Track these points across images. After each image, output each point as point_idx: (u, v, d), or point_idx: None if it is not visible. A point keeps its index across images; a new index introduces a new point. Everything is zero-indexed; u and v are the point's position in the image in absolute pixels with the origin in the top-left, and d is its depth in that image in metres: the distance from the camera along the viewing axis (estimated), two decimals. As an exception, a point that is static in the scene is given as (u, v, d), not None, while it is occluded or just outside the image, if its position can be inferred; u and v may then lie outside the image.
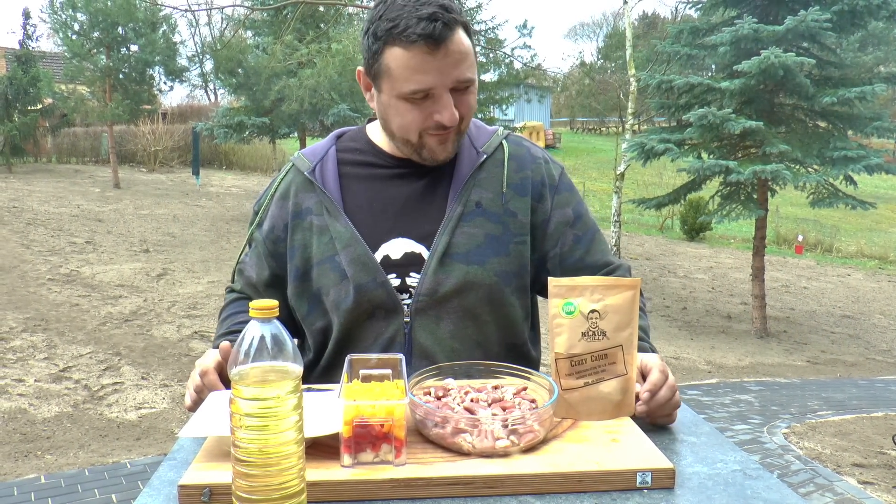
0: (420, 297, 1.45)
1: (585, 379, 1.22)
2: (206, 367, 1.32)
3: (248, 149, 24.19)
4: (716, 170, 10.07)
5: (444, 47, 1.34)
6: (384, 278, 1.45)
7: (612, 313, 1.22)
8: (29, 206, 14.66)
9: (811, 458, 5.29)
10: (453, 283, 1.45)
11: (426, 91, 1.38)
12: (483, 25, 19.15)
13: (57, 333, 7.66)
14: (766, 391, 7.68)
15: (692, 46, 11.46)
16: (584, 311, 1.22)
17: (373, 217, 1.51)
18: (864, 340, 10.92)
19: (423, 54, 1.35)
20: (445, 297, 1.45)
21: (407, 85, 1.38)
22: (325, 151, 1.59)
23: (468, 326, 1.48)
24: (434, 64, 1.35)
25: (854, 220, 23.07)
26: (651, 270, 14.97)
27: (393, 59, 1.37)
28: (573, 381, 1.22)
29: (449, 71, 1.37)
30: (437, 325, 1.46)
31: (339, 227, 1.48)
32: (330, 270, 1.48)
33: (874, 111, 10.84)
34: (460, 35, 1.37)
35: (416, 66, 1.36)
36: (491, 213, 1.50)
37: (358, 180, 1.55)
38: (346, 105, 14.80)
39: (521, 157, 1.58)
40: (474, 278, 1.45)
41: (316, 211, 1.52)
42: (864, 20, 10.39)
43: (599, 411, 1.22)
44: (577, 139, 42.11)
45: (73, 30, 17.66)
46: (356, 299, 1.45)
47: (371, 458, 1.01)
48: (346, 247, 1.47)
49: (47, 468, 4.82)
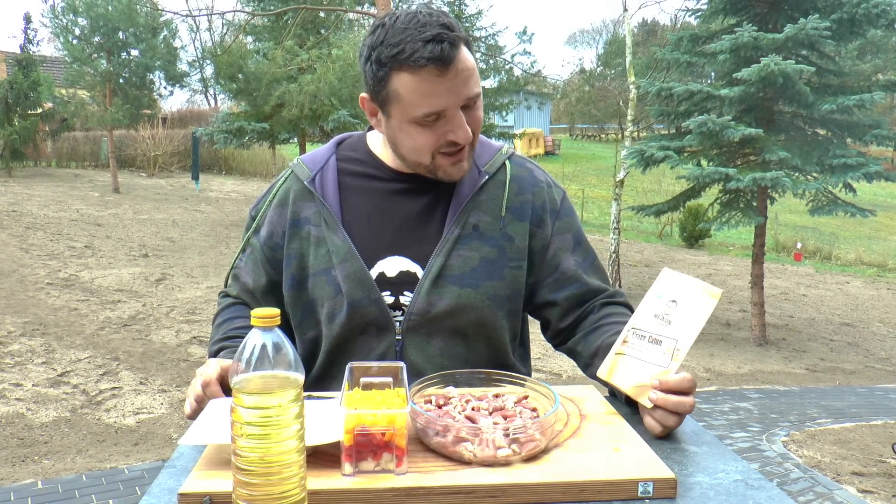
0: (412, 316, 1.46)
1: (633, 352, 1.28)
2: (208, 378, 1.31)
3: (247, 154, 24.23)
4: (715, 177, 10.09)
5: (452, 68, 1.34)
6: (378, 295, 1.46)
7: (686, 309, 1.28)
8: (28, 211, 14.66)
9: (810, 466, 5.28)
10: (446, 305, 1.45)
11: (439, 113, 1.38)
12: (483, 32, 19.21)
13: (55, 338, 7.65)
14: (765, 399, 7.68)
15: (692, 54, 11.49)
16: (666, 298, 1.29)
17: (370, 232, 1.50)
18: (864, 348, 10.92)
19: (433, 77, 1.34)
20: (437, 317, 1.46)
21: (419, 109, 1.37)
22: (326, 160, 1.58)
23: (457, 345, 1.48)
24: (445, 86, 1.35)
25: (853, 227, 23.09)
26: (650, 277, 14.97)
27: (402, 84, 1.36)
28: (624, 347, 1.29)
29: (459, 90, 1.37)
30: (428, 344, 1.47)
31: (337, 241, 1.48)
32: (325, 283, 1.48)
33: (873, 119, 10.88)
34: (464, 52, 1.37)
35: (426, 90, 1.35)
36: (488, 237, 1.49)
37: (357, 193, 1.54)
38: (346, 111, 14.81)
39: (523, 180, 1.57)
40: (467, 301, 1.45)
41: (314, 221, 1.52)
42: (863, 28, 10.43)
43: (626, 383, 1.27)
44: (577, 146, 42.20)
45: (74, 34, 17.69)
46: (349, 314, 1.45)
47: (372, 467, 1.01)
48: (342, 261, 1.47)
49: (45, 473, 4.81)
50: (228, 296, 1.67)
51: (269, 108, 15.59)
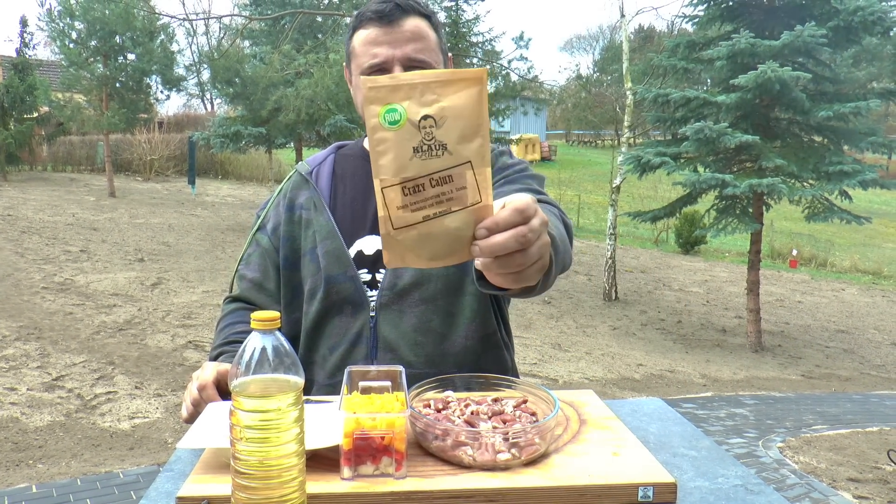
0: (384, 291, 1.51)
1: (425, 211, 0.91)
2: (204, 382, 1.31)
3: (244, 158, 24.21)
4: (712, 183, 10.11)
5: (396, 24, 1.46)
6: (354, 273, 1.52)
7: (452, 119, 0.91)
8: (24, 215, 14.63)
9: (806, 472, 5.29)
10: (410, 276, 1.50)
11: (380, 64, 1.46)
12: (480, 38, 19.23)
13: (50, 342, 7.62)
14: (761, 405, 7.68)
15: (689, 60, 11.52)
16: (413, 119, 0.90)
17: (353, 213, 1.58)
18: (859, 355, 10.94)
19: (375, 30, 1.47)
20: (405, 290, 1.50)
21: (364, 59, 1.48)
22: (325, 157, 1.70)
23: (432, 319, 1.51)
24: (385, 38, 1.46)
25: (848, 234, 23.14)
26: (646, 283, 14.98)
27: (355, 40, 1.51)
28: (409, 214, 0.91)
29: (400, 45, 1.46)
30: (401, 319, 1.50)
31: (322, 221, 1.57)
32: (310, 262, 1.56)
33: (869, 126, 10.91)
34: (418, 22, 1.48)
35: (370, 40, 1.47)
36: None
37: (348, 179, 1.64)
38: (342, 116, 14.83)
39: None
40: (430, 269, 1.46)
41: (306, 206, 1.61)
42: (858, 36, 10.46)
43: (445, 253, 0.94)
44: (573, 152, 42.25)
45: (71, 38, 17.66)
46: (326, 290, 1.52)
47: (371, 471, 1.00)
48: (323, 239, 1.55)
49: (39, 477, 4.79)
50: (232, 300, 1.69)
51: (266, 112, 15.59)
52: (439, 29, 1.54)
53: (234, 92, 16.11)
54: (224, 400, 1.30)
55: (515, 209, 0.91)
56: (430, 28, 1.50)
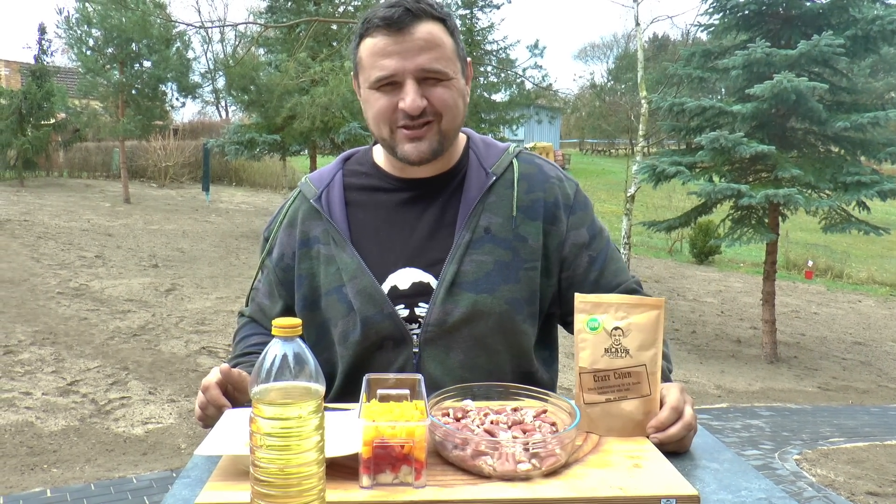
0: (429, 327, 1.42)
1: (608, 395, 1.22)
2: (207, 382, 1.32)
3: (258, 166, 24.30)
4: (727, 193, 10.05)
5: (406, 32, 1.34)
6: (391, 310, 1.42)
7: (635, 332, 1.22)
8: (40, 220, 14.73)
9: (824, 485, 5.23)
10: (462, 313, 1.41)
11: (390, 77, 1.36)
12: (495, 45, 19.26)
13: (65, 347, 7.66)
14: (776, 417, 7.61)
15: (704, 69, 11.47)
16: (607, 328, 1.23)
17: (379, 247, 1.47)
18: (877, 367, 10.83)
19: (384, 39, 1.35)
20: (455, 326, 1.42)
21: (373, 72, 1.38)
22: (332, 177, 1.56)
23: (479, 356, 1.44)
24: (395, 48, 1.35)
25: (864, 246, 22.95)
26: (660, 293, 14.91)
27: (363, 50, 1.39)
28: (595, 395, 1.23)
29: (412, 56, 1.35)
30: (447, 356, 1.43)
31: (346, 258, 1.45)
32: (337, 302, 1.46)
33: (887, 137, 10.83)
34: (430, 26, 1.36)
35: (378, 51, 1.36)
36: (500, 240, 1.45)
37: (364, 208, 1.52)
38: (357, 123, 14.86)
39: (533, 177, 1.53)
40: (484, 307, 1.42)
41: (323, 240, 1.49)
42: (877, 45, 10.39)
43: (619, 428, 1.22)
44: (587, 161, 42.19)
45: (88, 45, 17.80)
46: (363, 332, 1.43)
47: (390, 480, 0.99)
48: (352, 278, 1.44)
49: (53, 482, 4.80)
50: (244, 316, 1.66)
51: (281, 119, 15.65)
52: (456, 32, 1.42)
53: (249, 99, 16.18)
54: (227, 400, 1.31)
55: (673, 409, 1.22)
56: (446, 32, 1.38)
